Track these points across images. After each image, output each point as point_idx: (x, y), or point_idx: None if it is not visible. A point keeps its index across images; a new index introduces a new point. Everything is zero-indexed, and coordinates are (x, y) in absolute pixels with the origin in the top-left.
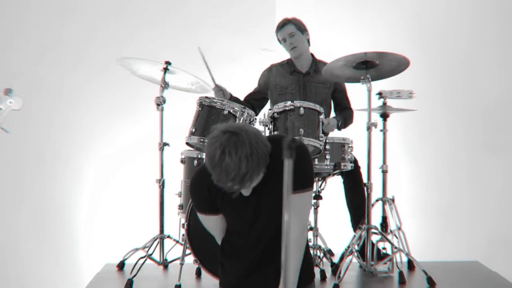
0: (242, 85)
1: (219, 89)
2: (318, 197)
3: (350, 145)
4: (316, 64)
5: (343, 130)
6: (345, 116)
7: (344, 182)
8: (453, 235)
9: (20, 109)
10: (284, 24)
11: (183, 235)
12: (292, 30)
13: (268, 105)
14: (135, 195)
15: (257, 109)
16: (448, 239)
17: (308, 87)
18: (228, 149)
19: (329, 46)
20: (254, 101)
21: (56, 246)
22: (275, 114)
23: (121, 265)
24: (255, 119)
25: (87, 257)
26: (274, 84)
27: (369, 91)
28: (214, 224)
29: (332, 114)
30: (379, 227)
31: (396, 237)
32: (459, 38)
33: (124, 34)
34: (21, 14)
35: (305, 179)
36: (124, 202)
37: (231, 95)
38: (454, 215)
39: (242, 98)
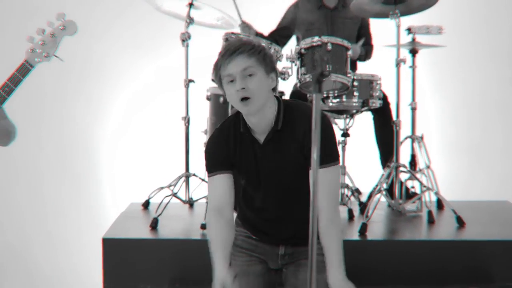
0: (268, 21)
1: (245, 25)
2: (345, 135)
3: (378, 82)
4: None
5: (372, 60)
6: (366, 50)
7: (373, 119)
8: (484, 174)
9: (73, 35)
10: None
11: None
12: None
13: (293, 41)
14: (160, 133)
15: (281, 46)
16: (478, 177)
17: (336, 23)
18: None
19: None
20: (280, 37)
21: (80, 185)
22: (302, 50)
23: (146, 204)
24: (282, 55)
25: (112, 196)
26: (301, 20)
27: (398, 26)
28: (221, 185)
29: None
30: (408, 165)
31: (425, 175)
32: None
33: None
34: None
35: (331, 152)
36: (148, 140)
37: (256, 32)
38: (485, 153)
39: (266, 34)
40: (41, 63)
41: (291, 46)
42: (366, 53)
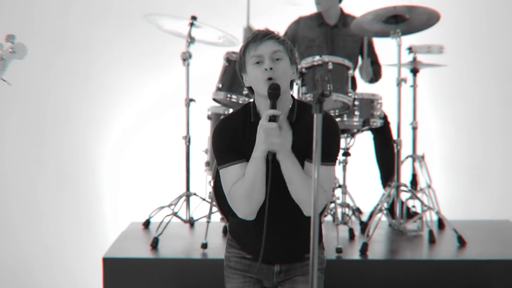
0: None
1: (250, 30)
2: (346, 154)
3: (379, 101)
4: (345, 17)
5: (373, 84)
6: (375, 70)
7: (374, 139)
8: (484, 193)
9: (23, 58)
10: None
11: (209, 192)
12: None
13: None
14: (161, 152)
15: None
16: (479, 197)
17: (336, 40)
18: None
19: (358, 0)
20: None
21: (81, 204)
22: (303, 69)
23: (146, 223)
24: None
25: (113, 215)
26: (301, 36)
27: (399, 45)
28: (236, 175)
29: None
30: (409, 184)
31: (426, 195)
32: None
33: None
34: None
35: (333, 153)
36: (149, 159)
37: None
38: (485, 173)
39: None
40: None
41: None
42: (376, 74)
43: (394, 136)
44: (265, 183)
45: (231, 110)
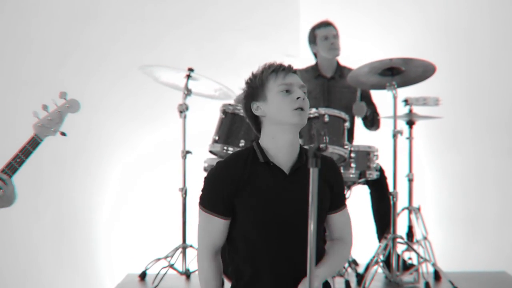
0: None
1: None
2: None
3: (375, 153)
4: (341, 69)
5: (369, 132)
6: (373, 118)
7: (370, 193)
8: (480, 244)
9: (77, 112)
10: (328, 23)
11: None
12: (336, 32)
13: None
14: (157, 203)
15: None
16: (475, 248)
17: (333, 92)
18: None
19: (354, 52)
20: None
21: (76, 255)
22: None
23: (143, 275)
24: None
25: (108, 267)
26: None
27: (395, 98)
28: (218, 228)
29: (357, 120)
30: (405, 236)
31: (422, 246)
32: (486, 42)
33: (146, 38)
34: (42, 18)
35: (345, 196)
36: (146, 210)
37: None
38: (481, 224)
39: None
40: (48, 137)
41: None
42: (373, 121)
43: (390, 189)
44: (278, 208)
45: None
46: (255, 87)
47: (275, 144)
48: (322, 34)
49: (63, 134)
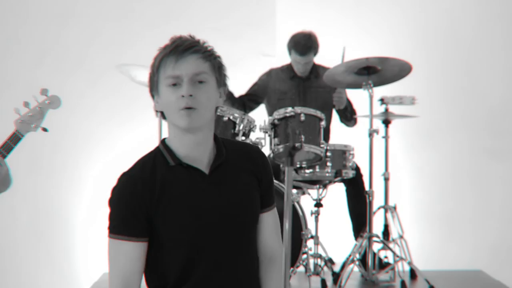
0: (242, 89)
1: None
2: (319, 205)
3: (351, 152)
4: (316, 69)
5: (345, 131)
6: (351, 113)
7: (346, 191)
8: (456, 243)
9: (57, 108)
10: (307, 51)
11: None
12: (311, 59)
13: (260, 109)
14: None
15: (247, 110)
16: (451, 247)
17: (308, 92)
18: None
19: (330, 51)
20: (248, 102)
21: (53, 254)
22: (276, 121)
23: None
24: (255, 125)
25: (85, 266)
26: (273, 89)
27: (371, 97)
28: (132, 255)
29: (334, 118)
30: (381, 235)
31: (398, 245)
32: (462, 42)
33: (123, 38)
34: (19, 18)
35: (273, 190)
36: None
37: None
38: (457, 223)
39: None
40: (29, 132)
41: (264, 117)
42: (352, 113)
43: (367, 187)
44: (205, 214)
45: None
46: (151, 76)
47: (181, 143)
48: (297, 59)
49: (45, 129)
